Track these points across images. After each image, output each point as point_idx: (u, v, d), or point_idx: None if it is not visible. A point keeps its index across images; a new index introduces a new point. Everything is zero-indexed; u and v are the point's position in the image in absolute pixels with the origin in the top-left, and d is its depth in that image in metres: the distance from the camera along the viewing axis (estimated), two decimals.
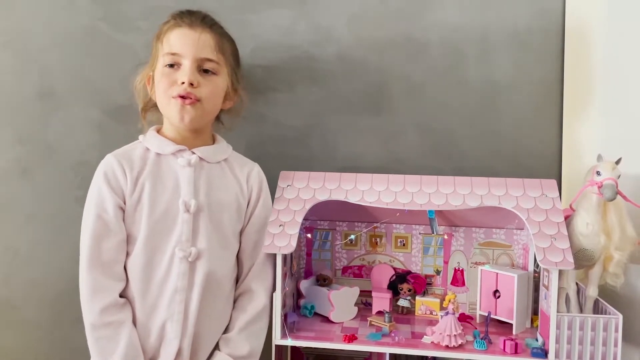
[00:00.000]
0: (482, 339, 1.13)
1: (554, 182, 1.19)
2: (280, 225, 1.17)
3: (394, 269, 1.36)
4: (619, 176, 1.14)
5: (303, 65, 1.44)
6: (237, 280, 1.24)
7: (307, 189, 1.23)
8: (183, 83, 1.16)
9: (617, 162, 1.15)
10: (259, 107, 1.46)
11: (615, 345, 1.07)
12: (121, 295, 1.14)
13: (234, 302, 1.23)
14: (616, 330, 1.07)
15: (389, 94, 1.43)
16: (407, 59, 1.42)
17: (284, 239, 1.15)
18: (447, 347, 1.11)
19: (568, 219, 1.18)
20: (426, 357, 1.23)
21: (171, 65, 1.18)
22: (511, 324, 1.21)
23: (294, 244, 1.14)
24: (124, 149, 1.21)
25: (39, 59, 1.50)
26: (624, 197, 1.16)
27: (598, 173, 1.14)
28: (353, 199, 1.21)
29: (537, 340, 1.15)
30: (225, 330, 1.20)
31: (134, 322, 1.14)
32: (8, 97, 1.51)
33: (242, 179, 1.25)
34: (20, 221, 1.53)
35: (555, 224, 1.12)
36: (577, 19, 1.35)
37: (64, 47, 1.50)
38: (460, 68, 1.41)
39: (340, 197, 1.21)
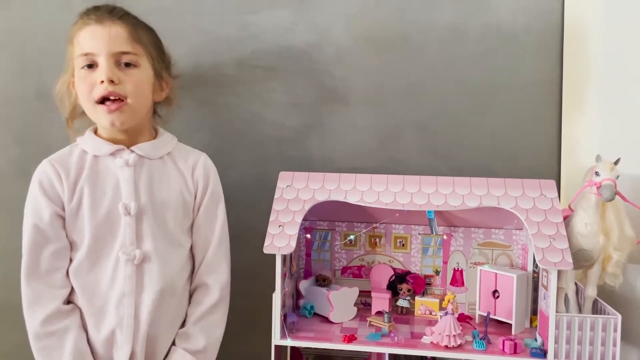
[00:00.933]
0: (481, 339, 1.13)
1: (552, 182, 1.19)
2: (279, 226, 1.17)
3: (394, 269, 1.36)
4: (618, 177, 1.14)
5: (302, 66, 1.44)
6: (192, 274, 1.22)
7: (307, 190, 1.23)
8: (102, 82, 1.11)
9: (616, 163, 1.15)
10: (258, 108, 1.46)
11: (614, 345, 1.08)
12: (69, 301, 1.13)
13: (190, 296, 1.21)
14: (615, 330, 1.08)
15: (387, 94, 1.43)
16: (405, 59, 1.42)
17: (284, 239, 1.15)
18: (446, 347, 1.11)
19: (567, 219, 1.18)
20: (425, 357, 1.23)
21: (89, 67, 1.13)
22: (510, 324, 1.21)
23: (293, 244, 1.14)
24: (60, 153, 1.18)
25: (37, 59, 1.50)
26: (623, 198, 1.16)
27: (597, 173, 1.14)
28: (352, 200, 1.21)
29: (536, 340, 1.15)
30: (182, 325, 1.19)
31: (85, 328, 1.13)
32: (6, 98, 1.51)
33: (187, 172, 1.21)
34: (19, 222, 1.52)
35: (554, 224, 1.12)
36: (575, 20, 1.35)
37: (62, 47, 1.49)
38: (459, 68, 1.41)
39: (340, 197, 1.21)
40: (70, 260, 1.15)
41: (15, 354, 1.54)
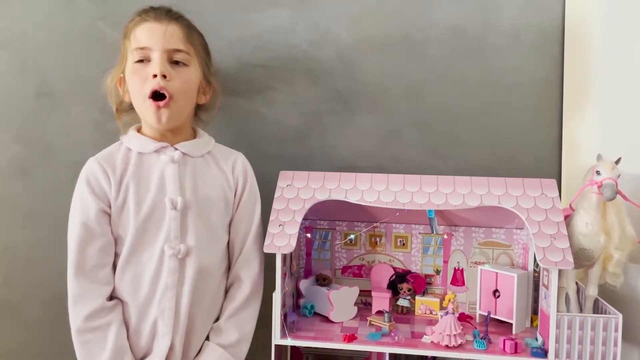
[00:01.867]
0: (481, 338, 1.13)
1: (553, 181, 1.19)
2: (279, 225, 1.17)
3: (394, 268, 1.36)
4: (619, 176, 1.13)
5: (302, 65, 1.44)
6: (228, 270, 1.25)
7: (307, 189, 1.23)
8: (155, 76, 1.14)
9: (617, 162, 1.15)
10: (258, 107, 1.46)
11: (615, 344, 1.07)
12: (112, 297, 1.16)
13: (226, 292, 1.24)
14: (616, 330, 1.07)
15: (388, 94, 1.43)
16: (406, 58, 1.42)
17: (284, 238, 1.15)
18: (446, 346, 1.11)
19: (568, 218, 1.18)
20: (426, 356, 1.23)
21: (141, 61, 1.17)
22: (511, 324, 1.21)
23: (293, 243, 1.14)
24: (106, 151, 1.21)
25: (38, 58, 1.50)
26: (624, 197, 1.16)
27: (598, 172, 1.14)
28: (353, 199, 1.20)
29: (536, 339, 1.15)
30: (216, 320, 1.22)
31: (126, 321, 1.15)
32: (6, 97, 1.51)
33: (228, 170, 1.25)
34: (19, 221, 1.53)
35: (555, 224, 1.12)
36: (576, 19, 1.35)
37: (62, 46, 1.50)
38: (460, 67, 1.41)
39: (340, 196, 1.21)
40: (116, 255, 1.17)
41: (15, 354, 1.54)
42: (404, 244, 1.37)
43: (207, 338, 1.20)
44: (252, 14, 1.45)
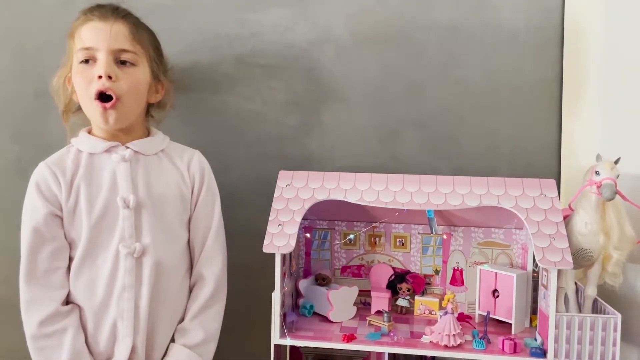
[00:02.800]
0: (481, 338, 1.13)
1: (552, 181, 1.19)
2: (279, 225, 1.17)
3: (393, 268, 1.36)
4: (618, 176, 1.14)
5: (302, 65, 1.44)
6: (191, 269, 1.24)
7: (306, 189, 1.23)
8: (100, 77, 1.12)
9: (616, 162, 1.15)
10: (257, 106, 1.46)
11: (614, 344, 1.08)
12: (68, 301, 1.15)
13: (191, 291, 1.23)
14: (615, 330, 1.08)
15: (387, 93, 1.43)
16: (405, 57, 1.42)
17: (283, 238, 1.15)
18: (446, 346, 1.11)
19: (567, 218, 1.18)
20: (425, 356, 1.23)
21: (86, 61, 1.14)
22: (510, 324, 1.21)
23: (292, 243, 1.14)
24: (56, 155, 1.20)
25: (37, 58, 1.50)
26: (623, 197, 1.16)
27: (597, 173, 1.14)
28: (352, 199, 1.20)
29: (535, 339, 1.15)
30: (180, 320, 1.21)
31: (84, 325, 1.14)
32: (5, 97, 1.51)
33: (183, 167, 1.23)
34: (19, 221, 1.52)
35: (554, 224, 1.12)
36: (576, 19, 1.35)
37: (62, 46, 1.48)
38: (459, 67, 1.41)
39: (339, 196, 1.21)
40: (71, 259, 1.16)
41: (15, 353, 1.54)
42: (403, 244, 1.37)
43: (172, 340, 1.19)
44: (252, 14, 1.45)
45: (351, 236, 1.38)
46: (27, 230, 1.14)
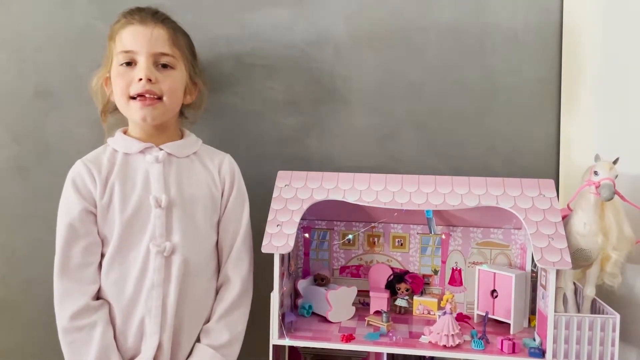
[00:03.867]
0: (479, 338, 1.13)
1: (551, 182, 1.19)
2: (277, 225, 1.17)
3: (392, 268, 1.36)
4: (617, 176, 1.14)
5: (301, 65, 1.44)
6: (218, 270, 1.26)
7: (305, 189, 1.23)
8: (140, 80, 1.16)
9: (615, 162, 1.15)
10: (256, 107, 1.46)
11: (613, 345, 1.07)
12: (98, 297, 1.17)
13: (217, 292, 1.24)
14: (614, 330, 1.08)
15: (386, 94, 1.43)
16: (404, 58, 1.42)
17: (282, 238, 1.15)
18: (444, 346, 1.11)
19: (566, 218, 1.18)
20: (424, 356, 1.23)
21: (127, 64, 1.18)
22: (509, 324, 1.21)
23: (291, 243, 1.14)
24: (93, 153, 1.23)
25: (36, 57, 1.50)
26: (622, 197, 1.16)
27: (595, 173, 1.14)
28: (351, 199, 1.20)
29: (534, 340, 1.15)
30: (207, 321, 1.22)
31: (113, 321, 1.16)
32: (4, 96, 1.51)
33: (214, 170, 1.26)
34: (17, 220, 1.53)
35: (552, 224, 1.12)
36: (574, 19, 1.35)
37: (60, 46, 1.49)
38: (458, 67, 1.41)
39: (338, 196, 1.21)
40: (102, 255, 1.18)
41: (14, 354, 1.54)
42: (402, 244, 1.37)
43: (198, 340, 1.20)
44: (251, 14, 1.45)
45: (350, 236, 1.38)
46: (62, 225, 1.17)
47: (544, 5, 1.37)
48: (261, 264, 1.27)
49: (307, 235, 1.38)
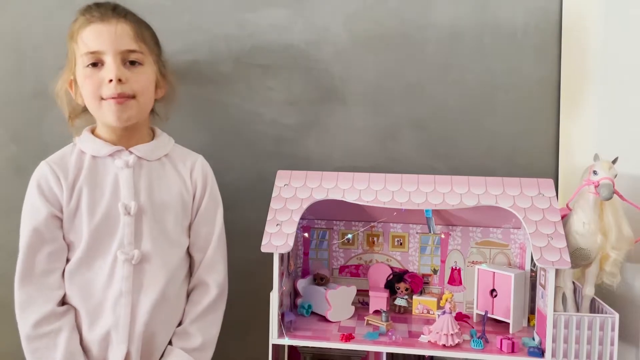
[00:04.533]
0: (479, 338, 1.13)
1: (550, 181, 1.19)
2: (277, 225, 1.17)
3: (391, 268, 1.36)
4: (616, 175, 1.14)
5: (300, 65, 1.44)
6: (190, 274, 1.23)
7: (304, 188, 1.23)
8: (111, 81, 1.11)
9: (614, 162, 1.15)
10: (255, 106, 1.45)
11: (612, 344, 1.08)
12: (64, 302, 1.13)
13: (188, 295, 1.21)
14: (613, 329, 1.08)
15: (385, 93, 1.43)
16: (403, 58, 1.42)
17: (281, 238, 1.15)
18: (444, 346, 1.11)
19: (565, 218, 1.18)
20: (423, 356, 1.23)
21: (94, 65, 1.12)
22: (508, 323, 1.21)
23: (291, 243, 1.14)
24: (59, 154, 1.18)
25: (34, 57, 1.49)
26: (621, 197, 1.16)
27: (595, 172, 1.14)
28: (350, 198, 1.20)
29: (533, 339, 1.15)
30: (179, 324, 1.19)
31: (80, 328, 1.12)
32: (3, 96, 1.51)
33: (185, 173, 1.22)
34: (16, 220, 1.51)
35: (552, 223, 1.12)
36: (574, 19, 1.35)
37: (59, 46, 1.48)
38: (457, 67, 1.41)
39: (338, 196, 1.21)
40: (68, 260, 1.15)
41: (12, 355, 1.54)
42: (401, 244, 1.37)
43: (170, 343, 1.17)
44: (250, 13, 1.45)
45: (349, 236, 1.38)
46: (27, 229, 1.13)
47: (543, 4, 1.37)
48: (260, 263, 1.27)
49: (306, 234, 1.38)
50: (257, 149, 1.46)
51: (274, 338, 1.15)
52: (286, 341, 1.15)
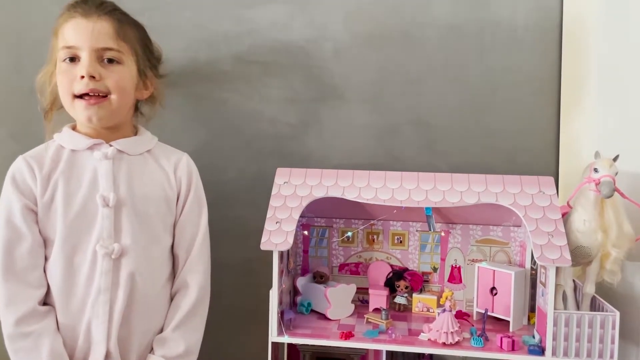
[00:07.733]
0: (479, 336, 1.13)
1: (551, 179, 1.19)
2: (276, 222, 1.17)
3: (391, 266, 1.36)
4: (617, 173, 1.13)
5: (299, 62, 1.44)
6: (173, 276, 1.19)
7: (304, 186, 1.22)
8: (83, 77, 1.08)
9: (615, 159, 1.15)
10: (255, 104, 1.45)
11: (612, 342, 1.08)
12: (45, 302, 1.09)
13: (172, 299, 1.17)
14: (613, 327, 1.08)
15: (385, 91, 1.43)
16: (404, 55, 1.42)
17: (281, 235, 1.14)
18: (444, 344, 1.11)
19: (565, 216, 1.17)
20: (423, 354, 1.23)
21: (71, 60, 1.10)
22: (508, 321, 1.21)
23: (290, 241, 1.14)
24: (36, 149, 1.15)
25: (33, 54, 1.49)
26: (622, 194, 1.15)
27: (595, 170, 1.14)
28: (350, 196, 1.20)
29: (534, 337, 1.15)
30: (161, 330, 1.15)
31: (60, 327, 1.08)
32: (3, 94, 1.50)
33: (169, 169, 1.18)
34: None
35: (552, 221, 1.12)
36: (574, 16, 1.34)
37: None
38: (457, 65, 1.40)
39: (337, 194, 1.21)
40: (46, 258, 1.11)
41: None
42: (401, 242, 1.36)
43: (151, 349, 1.13)
44: (249, 10, 1.44)
45: (349, 234, 1.38)
46: (2, 223, 1.09)
47: (544, 2, 1.37)
48: (260, 261, 1.26)
49: (306, 232, 1.38)
50: (256, 146, 1.45)
51: (273, 336, 1.15)
52: (286, 339, 1.15)
